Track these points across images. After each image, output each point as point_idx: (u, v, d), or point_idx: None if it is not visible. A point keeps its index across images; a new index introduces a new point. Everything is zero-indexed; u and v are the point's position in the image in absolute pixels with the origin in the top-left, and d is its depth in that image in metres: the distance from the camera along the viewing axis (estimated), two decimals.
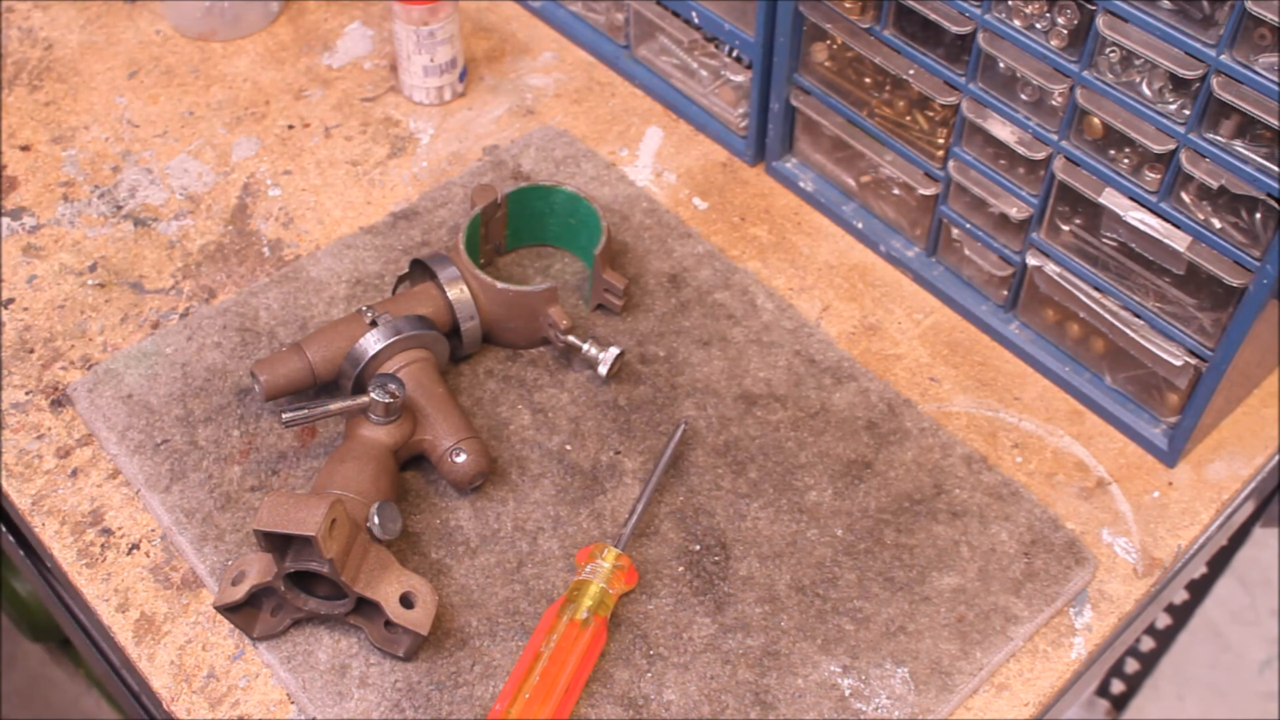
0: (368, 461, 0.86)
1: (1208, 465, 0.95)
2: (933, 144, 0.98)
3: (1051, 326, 0.99)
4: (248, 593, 0.80)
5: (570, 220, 1.03)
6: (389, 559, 0.82)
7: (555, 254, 1.06)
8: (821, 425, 0.95)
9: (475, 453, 0.88)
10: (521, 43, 1.25)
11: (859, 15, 0.96)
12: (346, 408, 0.87)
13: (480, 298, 0.95)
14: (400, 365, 0.91)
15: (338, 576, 0.78)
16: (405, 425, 0.89)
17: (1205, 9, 0.77)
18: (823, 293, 1.05)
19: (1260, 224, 0.81)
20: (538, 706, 0.78)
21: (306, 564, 0.78)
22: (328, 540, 0.77)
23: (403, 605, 0.80)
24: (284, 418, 0.86)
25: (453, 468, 0.88)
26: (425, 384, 0.91)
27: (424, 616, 0.81)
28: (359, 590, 0.79)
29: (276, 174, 1.12)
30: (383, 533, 0.82)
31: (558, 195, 1.03)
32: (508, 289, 0.95)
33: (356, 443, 0.87)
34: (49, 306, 1.02)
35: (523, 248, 1.06)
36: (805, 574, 0.87)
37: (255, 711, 0.82)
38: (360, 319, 0.93)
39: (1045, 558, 0.88)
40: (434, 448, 0.89)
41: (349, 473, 0.85)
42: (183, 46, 1.23)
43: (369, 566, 0.81)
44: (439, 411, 0.90)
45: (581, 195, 1.01)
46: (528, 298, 0.95)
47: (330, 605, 0.82)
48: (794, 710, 0.81)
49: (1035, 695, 0.84)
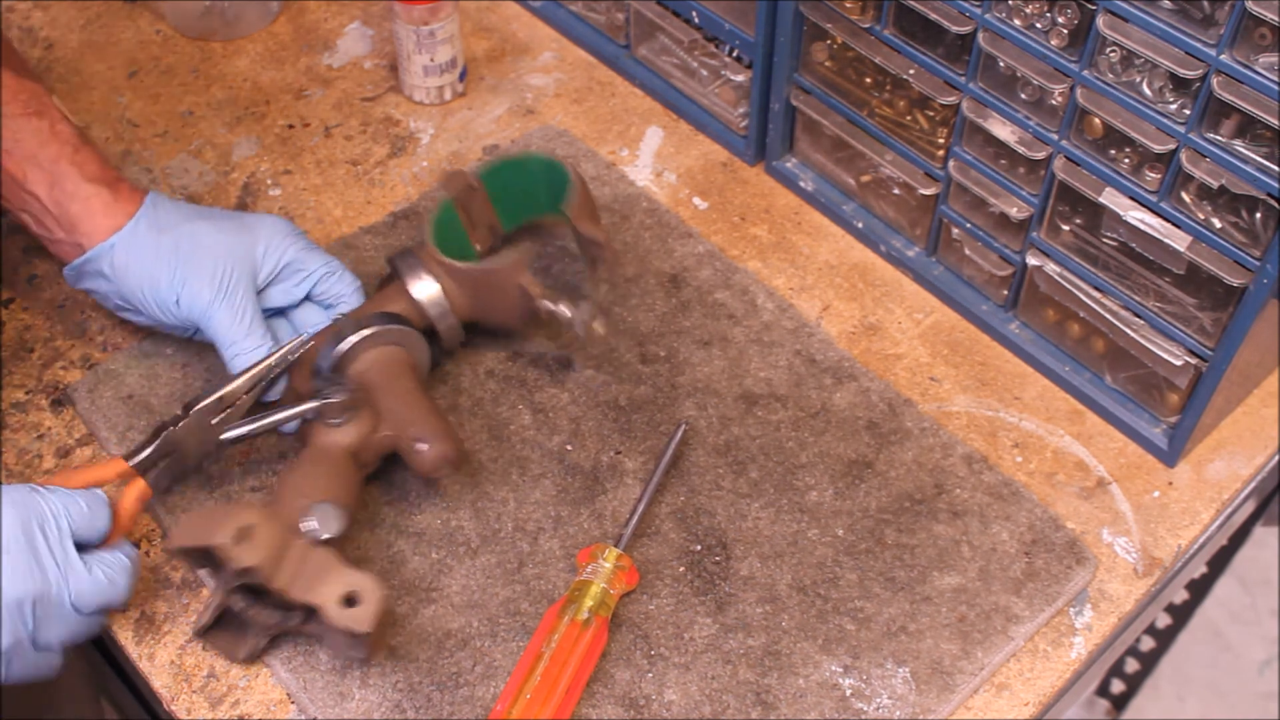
0: (317, 465, 0.84)
1: (1208, 465, 0.95)
2: (933, 144, 0.98)
3: (1052, 326, 0.99)
4: (214, 613, 0.79)
5: (555, 187, 0.99)
6: (331, 562, 0.79)
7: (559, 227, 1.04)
8: (822, 425, 0.95)
9: (438, 438, 0.86)
10: (522, 42, 1.25)
11: (859, 15, 0.96)
12: (289, 416, 0.86)
13: (449, 286, 0.93)
14: (369, 364, 0.89)
15: (265, 581, 0.76)
16: (364, 424, 0.86)
17: (1205, 9, 0.77)
18: (823, 292, 1.05)
19: (1260, 224, 0.81)
20: (539, 707, 0.78)
21: (233, 577, 0.76)
22: (241, 546, 0.75)
23: (346, 605, 0.78)
24: (223, 438, 0.84)
25: (417, 458, 0.86)
26: (390, 379, 0.88)
27: (365, 613, 0.78)
28: (293, 596, 0.77)
29: (276, 173, 1.12)
30: (321, 531, 0.80)
31: (533, 163, 0.99)
32: (472, 268, 0.92)
33: (311, 449, 0.85)
34: (49, 306, 1.02)
35: (525, 226, 1.04)
36: (806, 574, 0.87)
37: (255, 711, 0.82)
38: (333, 329, 0.91)
39: (1046, 557, 0.88)
40: (398, 442, 0.87)
41: (296, 479, 0.83)
42: (183, 46, 1.23)
43: (310, 571, 0.78)
44: (403, 404, 0.87)
45: (554, 159, 0.98)
46: (495, 274, 0.92)
47: (284, 616, 0.80)
48: (795, 710, 0.81)
49: (1035, 695, 0.84)
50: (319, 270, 0.95)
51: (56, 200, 0.91)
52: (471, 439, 0.94)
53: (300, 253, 0.94)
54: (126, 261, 0.91)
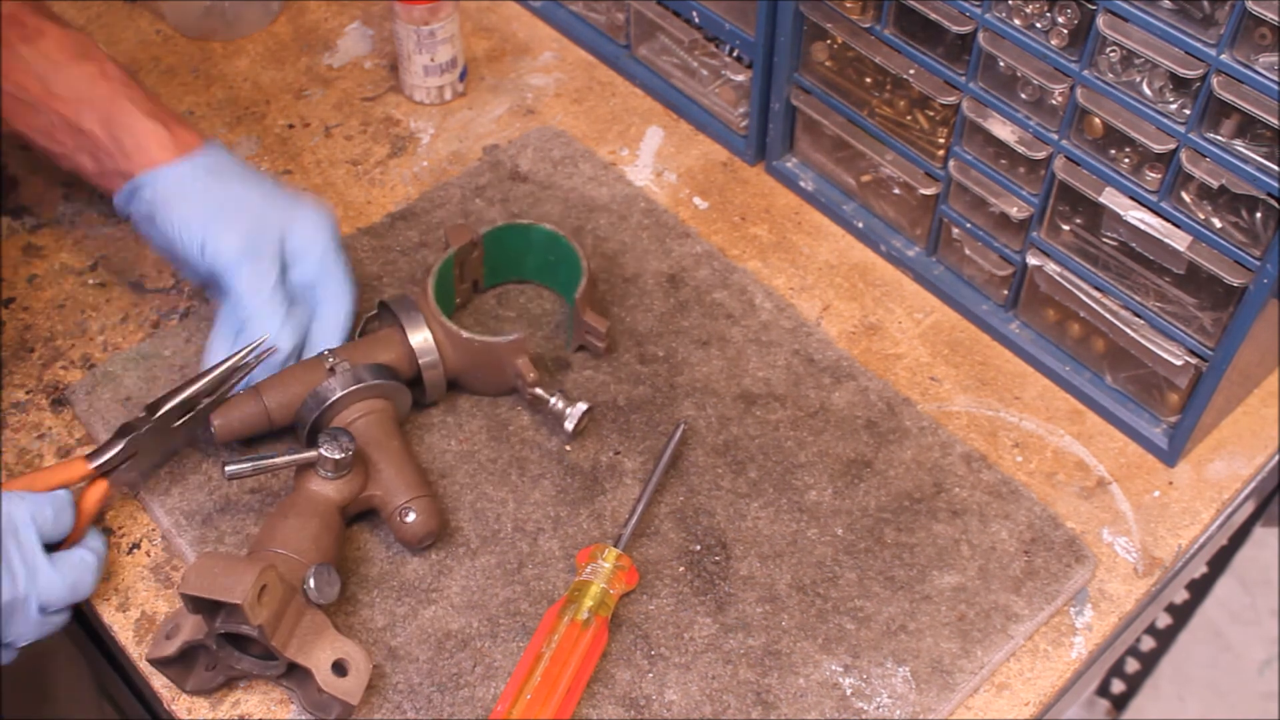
0: (310, 518, 0.83)
1: (1208, 465, 0.95)
2: (933, 143, 0.98)
3: (1052, 326, 0.99)
4: (179, 649, 0.79)
5: (549, 257, 1.00)
6: (324, 624, 0.79)
7: (535, 291, 1.03)
8: (821, 424, 0.95)
9: (425, 512, 0.85)
10: (522, 42, 1.25)
11: (859, 15, 0.96)
12: (293, 461, 0.85)
13: (445, 347, 0.92)
14: (358, 415, 0.88)
15: (268, 642, 0.76)
16: (355, 480, 0.86)
17: (1205, 8, 0.77)
18: (823, 292, 1.05)
19: (1260, 224, 0.81)
20: (539, 707, 0.78)
21: (236, 627, 0.76)
22: (256, 608, 0.75)
23: (336, 672, 0.78)
24: (227, 471, 0.84)
25: (402, 527, 0.85)
26: (380, 437, 0.88)
27: (356, 685, 0.78)
28: (290, 656, 0.77)
29: (276, 173, 1.12)
30: (319, 597, 0.79)
31: (535, 233, 0.99)
32: (473, 339, 0.92)
33: (302, 497, 0.85)
34: (49, 306, 1.02)
35: (501, 285, 1.03)
36: (806, 573, 0.87)
37: (255, 711, 0.82)
38: (320, 364, 0.90)
39: (1045, 556, 0.88)
40: (385, 504, 0.86)
41: (289, 530, 0.83)
42: (183, 46, 1.23)
43: (302, 631, 0.78)
44: (392, 467, 0.87)
45: (560, 233, 0.98)
46: (494, 349, 0.92)
47: (263, 666, 0.80)
48: (795, 710, 0.81)
49: (1035, 694, 0.84)
50: (327, 283, 0.94)
51: (113, 134, 0.92)
52: (471, 439, 0.94)
53: (322, 255, 0.93)
54: (168, 196, 0.91)
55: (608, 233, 1.07)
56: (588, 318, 0.96)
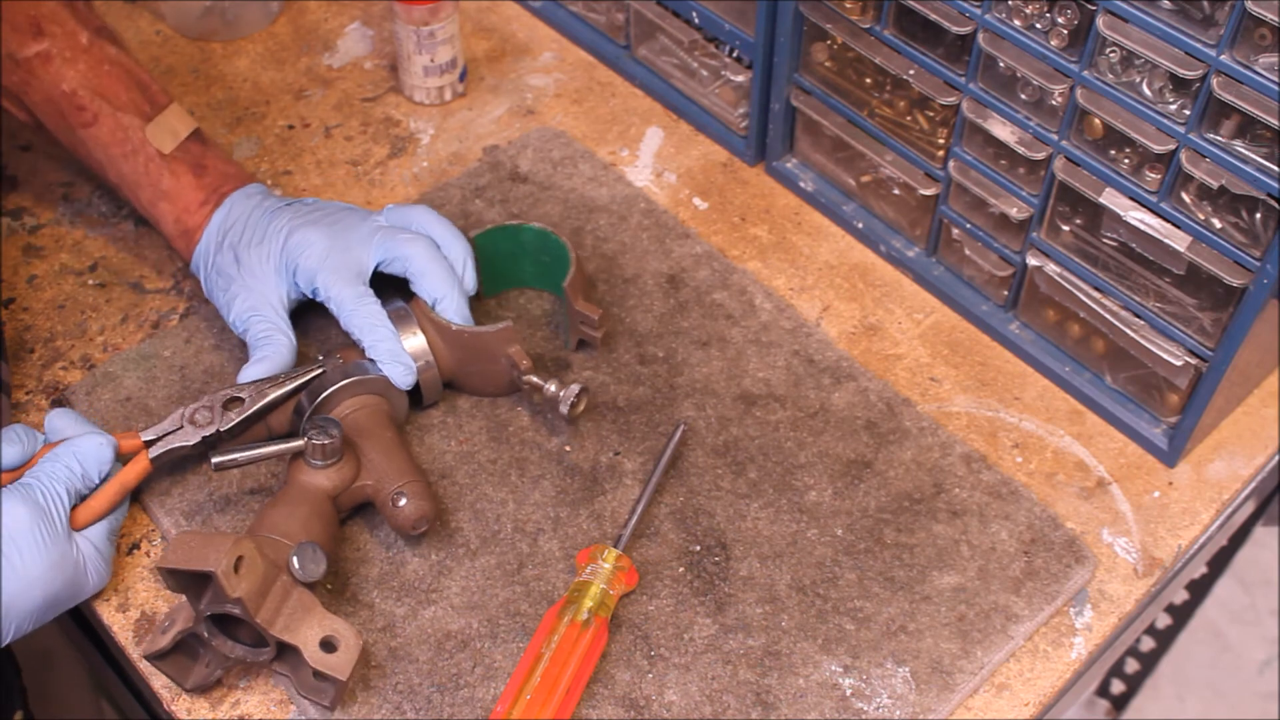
0: (300, 505, 0.84)
1: (1208, 465, 0.95)
2: (933, 144, 0.98)
3: (1052, 326, 0.99)
4: (174, 639, 0.78)
5: (543, 258, 1.00)
6: (312, 603, 0.79)
7: (534, 295, 1.03)
8: (821, 425, 0.95)
9: (417, 496, 0.85)
10: (522, 43, 1.25)
11: (859, 15, 0.96)
12: (281, 450, 0.85)
13: (436, 342, 0.92)
14: (351, 411, 0.89)
15: (250, 617, 0.75)
16: (347, 470, 0.86)
17: (1205, 9, 0.77)
18: (823, 293, 1.05)
19: (1260, 224, 0.81)
20: (539, 708, 0.78)
21: (220, 606, 0.75)
22: (232, 578, 0.74)
23: (324, 649, 0.78)
24: (213, 462, 0.84)
25: (395, 513, 0.85)
26: (372, 428, 0.89)
27: (344, 661, 0.78)
28: (276, 634, 0.77)
29: (276, 174, 1.12)
30: (303, 574, 0.79)
31: (525, 233, 0.99)
32: (463, 330, 0.92)
33: (293, 487, 0.85)
34: (49, 306, 1.02)
35: (502, 293, 1.03)
36: (806, 574, 0.87)
37: (255, 712, 0.82)
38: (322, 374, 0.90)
39: (1045, 556, 0.88)
40: (377, 493, 0.86)
41: (279, 516, 0.83)
42: (183, 46, 1.23)
43: (289, 610, 0.78)
44: (383, 456, 0.87)
45: (549, 230, 0.98)
46: (485, 339, 0.92)
47: (255, 653, 0.79)
48: (795, 710, 0.81)
49: (1035, 695, 0.84)
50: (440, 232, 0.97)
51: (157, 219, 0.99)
52: (471, 439, 0.94)
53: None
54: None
55: (607, 233, 1.07)
56: (579, 306, 0.95)
